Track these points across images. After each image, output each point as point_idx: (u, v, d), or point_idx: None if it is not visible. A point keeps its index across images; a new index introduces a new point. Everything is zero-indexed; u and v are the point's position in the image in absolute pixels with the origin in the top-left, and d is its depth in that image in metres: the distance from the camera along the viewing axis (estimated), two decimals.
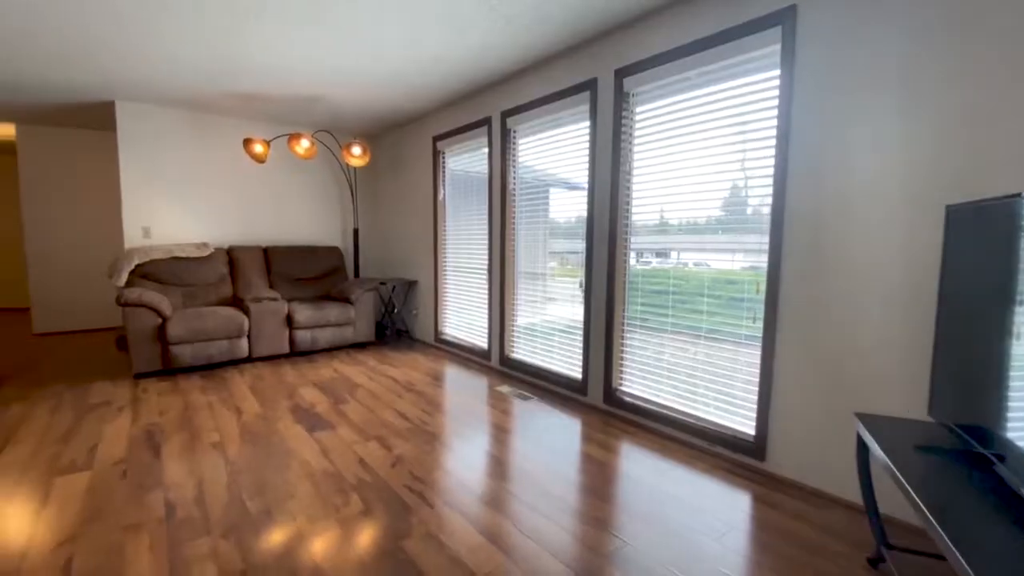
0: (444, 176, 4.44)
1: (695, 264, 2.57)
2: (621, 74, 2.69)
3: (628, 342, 2.85)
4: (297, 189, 5.18)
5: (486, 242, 3.91)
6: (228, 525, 1.76)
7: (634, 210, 2.76)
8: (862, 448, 1.57)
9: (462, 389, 3.37)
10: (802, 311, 2.06)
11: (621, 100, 2.71)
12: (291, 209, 5.17)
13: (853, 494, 1.94)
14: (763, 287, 2.20)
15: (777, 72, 2.10)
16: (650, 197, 2.68)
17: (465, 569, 1.54)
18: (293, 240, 5.20)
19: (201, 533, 1.71)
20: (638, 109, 2.70)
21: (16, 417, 2.80)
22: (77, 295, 5.41)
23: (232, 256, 4.54)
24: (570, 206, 3.33)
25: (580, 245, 3.15)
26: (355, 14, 2.53)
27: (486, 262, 3.92)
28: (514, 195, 3.61)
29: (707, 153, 2.40)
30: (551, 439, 2.55)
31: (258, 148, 4.18)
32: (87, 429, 2.64)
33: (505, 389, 3.36)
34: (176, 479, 2.10)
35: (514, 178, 3.60)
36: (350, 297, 4.51)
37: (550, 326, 3.44)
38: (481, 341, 4.05)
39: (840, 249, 1.94)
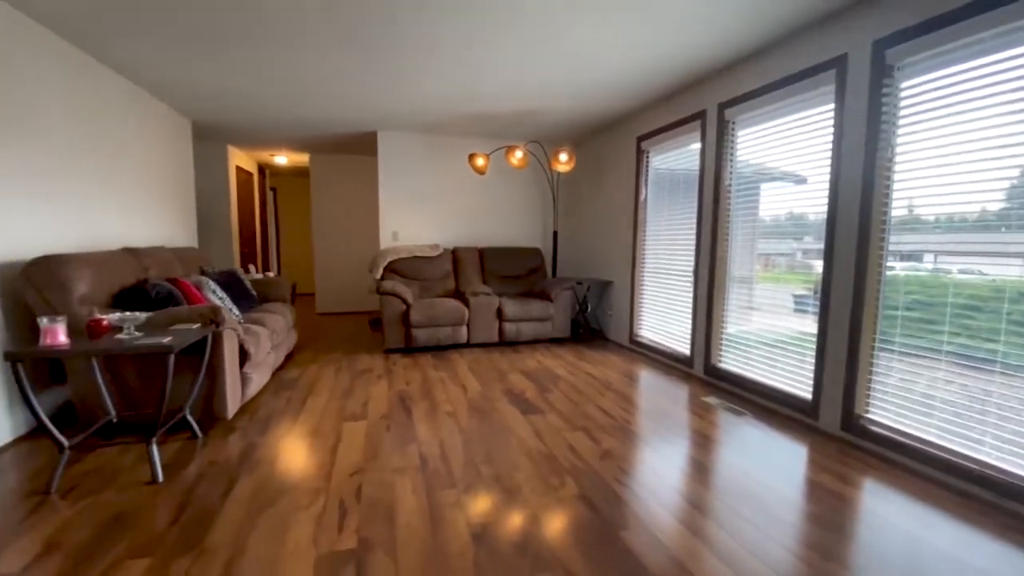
0: (647, 176, 4.39)
1: (980, 272, 2.05)
2: (883, 45, 2.29)
3: (881, 363, 2.41)
4: (507, 195, 5.72)
5: (692, 243, 3.73)
6: (468, 483, 2.05)
7: (895, 204, 2.32)
8: None
9: (662, 394, 3.29)
10: None
11: (881, 75, 2.31)
12: (501, 214, 5.73)
13: None
14: None
15: None
16: (921, 187, 2.22)
17: (684, 569, 1.51)
18: (502, 241, 5.76)
19: (448, 485, 2.04)
20: (904, 84, 2.26)
21: (313, 375, 3.72)
22: (344, 284, 6.91)
23: (456, 256, 5.25)
24: (786, 202, 2.97)
25: (791, 246, 2.79)
26: (582, 29, 2.69)
27: (691, 264, 3.75)
28: (729, 192, 3.37)
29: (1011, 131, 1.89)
30: (771, 459, 2.31)
31: (480, 161, 4.75)
32: (359, 389, 3.35)
33: (712, 400, 3.16)
34: (425, 437, 2.53)
35: (730, 173, 3.36)
36: (550, 295, 4.78)
37: (767, 336, 3.11)
38: (682, 347, 3.89)
39: None
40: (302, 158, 6.95)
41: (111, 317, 2.11)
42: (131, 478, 2.08)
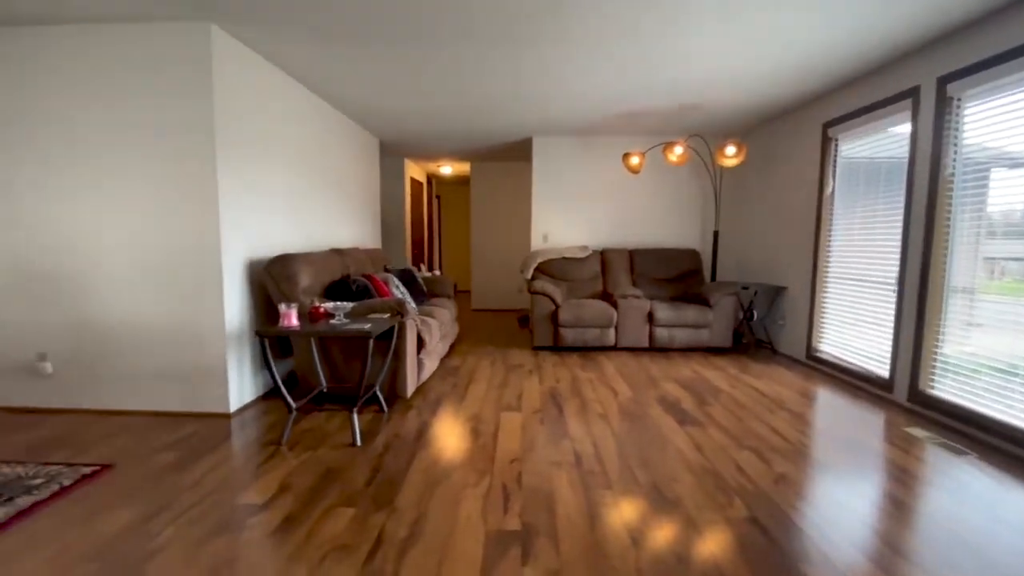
0: (834, 167, 3.83)
1: None
2: None
3: None
4: (661, 194, 5.50)
5: (895, 244, 3.16)
6: (624, 486, 2.03)
7: None
8: None
9: (850, 419, 2.85)
10: None
11: None
12: (654, 213, 5.53)
13: None
14: None
15: None
16: None
17: None
18: (654, 243, 5.55)
19: (603, 485, 2.04)
20: None
21: (471, 365, 4.03)
22: (497, 283, 7.35)
23: (604, 257, 5.22)
24: None
25: None
26: (764, 14, 2.47)
27: (894, 269, 3.17)
28: (951, 183, 2.78)
29: None
30: (1000, 509, 1.85)
31: (634, 160, 4.64)
32: (513, 382, 3.54)
33: (918, 432, 2.64)
34: (578, 435, 2.57)
35: (953, 160, 2.77)
36: (709, 300, 4.47)
37: (1001, 360, 2.49)
38: (877, 367, 3.31)
39: None
40: (464, 167, 7.57)
41: (326, 305, 2.56)
42: (337, 440, 2.50)
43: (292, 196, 3.56)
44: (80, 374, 2.88)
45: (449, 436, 2.56)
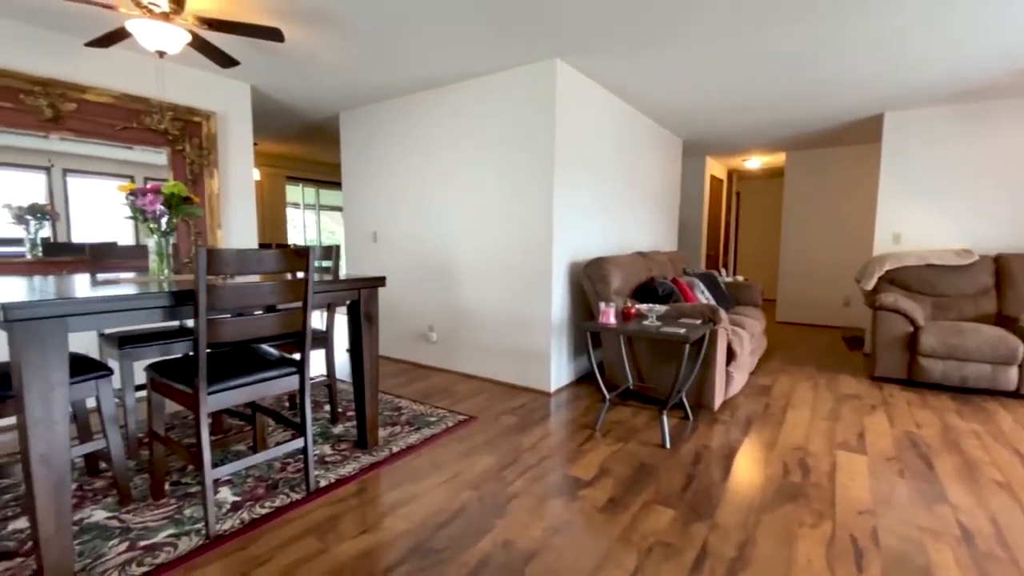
0: None
1: None
2: None
3: None
4: None
5: None
6: None
7: None
8: None
9: None
10: None
11: None
12: None
13: None
14: None
15: None
16: None
17: None
18: None
19: None
20: None
21: (785, 386, 3.53)
22: (809, 292, 6.25)
23: (999, 265, 3.78)
24: None
25: None
26: None
27: None
28: None
29: None
30: None
31: None
32: (848, 415, 2.94)
33: None
34: (963, 503, 1.94)
35: None
36: None
37: None
38: None
39: None
40: (774, 159, 6.71)
41: (641, 307, 2.67)
42: (645, 437, 2.58)
43: (605, 202, 3.85)
44: (452, 344, 3.82)
45: (769, 462, 2.30)
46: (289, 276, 2.11)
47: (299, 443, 1.93)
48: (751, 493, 2.01)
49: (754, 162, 6.80)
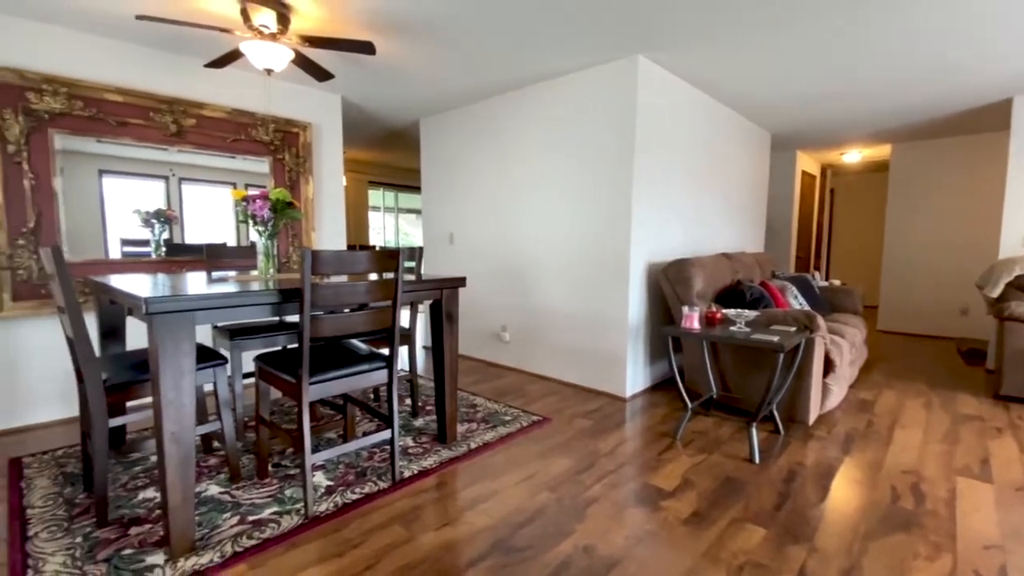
0: None
1: None
2: None
3: None
4: None
5: None
6: None
7: None
8: None
9: None
10: None
11: None
12: None
13: None
14: None
15: None
16: None
17: None
18: None
19: None
20: None
21: (891, 402, 3.20)
22: (917, 298, 5.63)
23: None
24: None
25: None
26: None
27: None
28: None
29: None
30: None
31: None
32: (968, 438, 2.61)
33: None
34: None
35: None
36: None
37: None
38: None
39: None
40: (876, 152, 6.12)
41: (728, 312, 2.53)
42: (730, 450, 2.44)
43: (686, 200, 3.70)
44: (525, 344, 3.85)
45: (875, 485, 2.10)
46: (374, 276, 2.22)
47: (386, 434, 2.03)
48: (855, 517, 1.84)
49: (853, 155, 6.23)
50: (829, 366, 2.74)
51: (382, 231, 8.05)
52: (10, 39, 2.55)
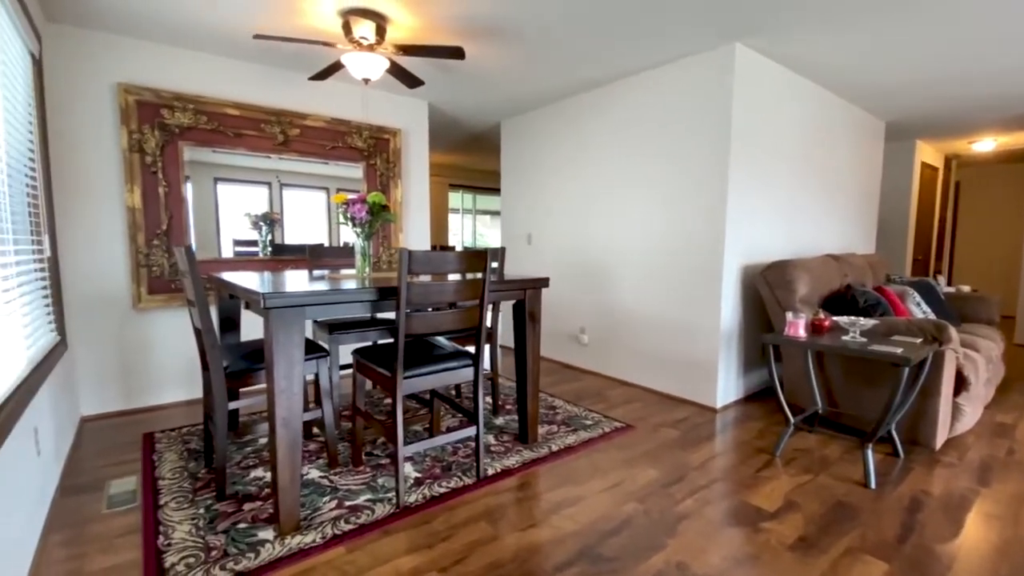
0: None
1: None
2: None
3: None
4: None
5: None
6: None
7: None
8: None
9: None
10: None
11: None
12: None
13: None
14: None
15: None
16: None
17: None
18: None
19: None
20: None
21: None
22: None
23: None
24: None
25: None
26: None
27: None
28: None
29: None
30: None
31: None
32: None
33: None
34: None
35: None
36: None
37: None
38: None
39: None
40: (1015, 140, 5.30)
41: (841, 320, 2.29)
42: (840, 472, 2.21)
43: (786, 197, 3.42)
44: (605, 347, 3.76)
45: (1018, 522, 1.80)
46: (458, 276, 2.26)
47: (471, 431, 2.06)
48: (995, 559, 1.59)
49: (986, 144, 5.44)
50: (961, 383, 2.39)
51: (460, 232, 8.26)
52: (147, 61, 2.89)
